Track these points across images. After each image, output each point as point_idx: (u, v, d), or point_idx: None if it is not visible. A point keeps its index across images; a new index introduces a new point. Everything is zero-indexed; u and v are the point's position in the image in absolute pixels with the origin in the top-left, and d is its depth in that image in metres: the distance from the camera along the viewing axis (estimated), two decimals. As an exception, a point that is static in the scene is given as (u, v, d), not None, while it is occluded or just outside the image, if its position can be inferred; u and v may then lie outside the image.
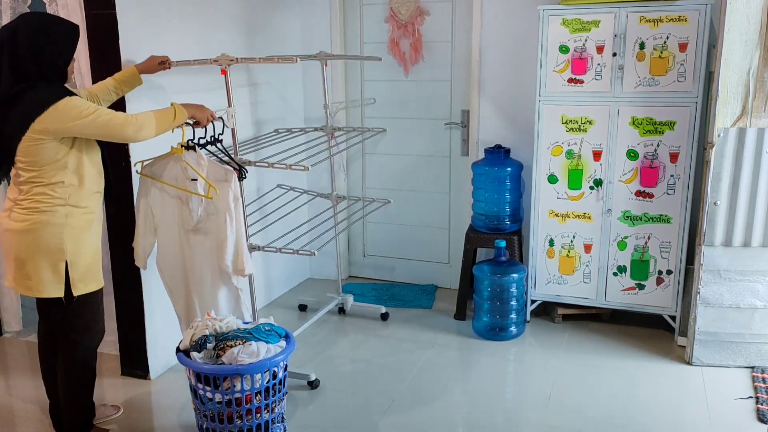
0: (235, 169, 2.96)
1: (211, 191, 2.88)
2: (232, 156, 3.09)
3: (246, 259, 2.97)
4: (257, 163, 3.18)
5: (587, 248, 3.77)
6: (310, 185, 4.47)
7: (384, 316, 4.08)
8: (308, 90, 4.48)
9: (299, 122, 4.47)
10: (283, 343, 2.86)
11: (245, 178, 3.04)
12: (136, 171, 2.99)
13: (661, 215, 3.60)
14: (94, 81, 3.09)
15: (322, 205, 4.24)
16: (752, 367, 3.36)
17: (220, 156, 3.05)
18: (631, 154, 3.59)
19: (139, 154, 3.13)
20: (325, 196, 4.10)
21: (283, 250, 3.31)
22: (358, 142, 4.30)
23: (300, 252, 3.25)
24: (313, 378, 3.32)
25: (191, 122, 2.87)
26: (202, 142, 2.98)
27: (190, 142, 2.91)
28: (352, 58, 4.24)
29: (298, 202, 4.03)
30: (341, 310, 4.19)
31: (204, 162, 2.91)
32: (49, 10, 3.22)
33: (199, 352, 2.69)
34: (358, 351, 3.69)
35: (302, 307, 4.29)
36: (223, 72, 3.10)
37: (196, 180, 2.89)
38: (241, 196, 3.02)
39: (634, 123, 3.55)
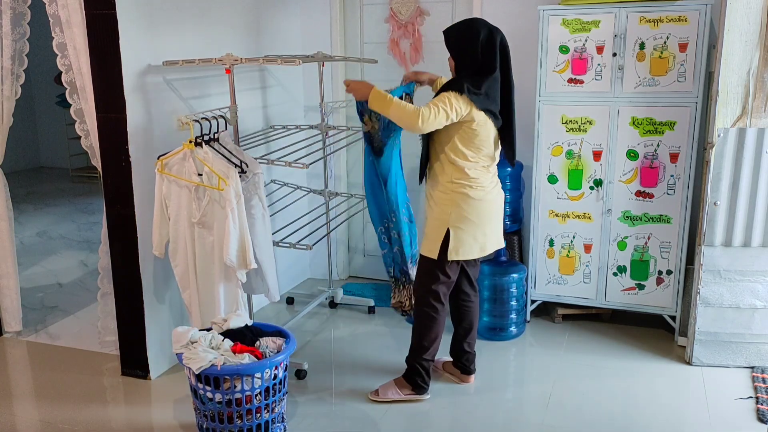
0: (236, 165, 3.00)
1: (221, 183, 2.94)
2: (233, 152, 3.11)
3: (251, 253, 3.01)
4: (258, 160, 3.21)
5: (587, 248, 3.77)
6: (303, 182, 4.47)
7: (371, 310, 4.17)
8: (308, 88, 4.48)
9: (299, 119, 4.47)
10: (282, 342, 2.87)
11: (245, 172, 3.06)
12: (157, 169, 3.03)
13: (661, 215, 3.60)
14: (94, 81, 3.09)
15: (320, 201, 4.25)
16: (752, 367, 3.36)
17: (223, 153, 3.08)
18: (631, 154, 3.59)
19: (139, 153, 3.14)
20: (318, 192, 4.11)
21: (280, 244, 3.35)
22: (354, 141, 4.31)
23: (296, 246, 3.30)
24: (305, 366, 3.38)
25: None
26: (206, 138, 3.04)
27: (198, 138, 2.97)
28: (348, 60, 4.24)
29: (293, 197, 4.04)
30: (332, 304, 4.27)
31: (210, 157, 2.98)
32: (49, 10, 3.22)
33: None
34: (357, 349, 3.68)
35: (290, 300, 4.34)
36: (227, 71, 3.14)
37: (201, 175, 2.97)
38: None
39: (634, 123, 3.55)
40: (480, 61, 2.87)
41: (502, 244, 3.13)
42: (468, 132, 2.87)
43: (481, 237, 2.99)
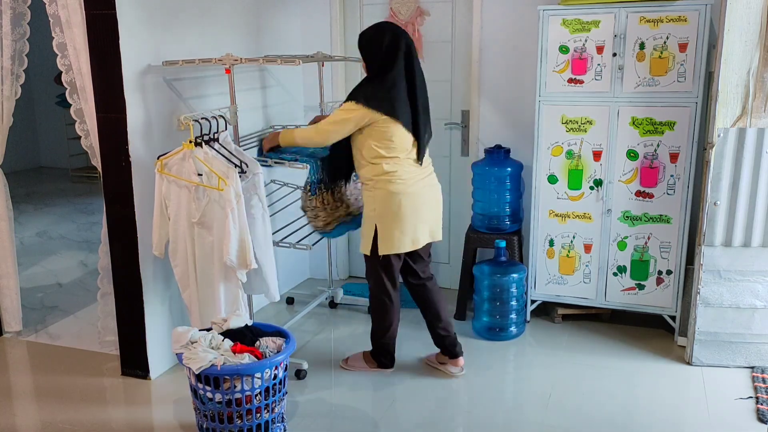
0: (235, 165, 3.00)
1: (221, 183, 2.94)
2: (233, 153, 3.11)
3: (251, 253, 3.01)
4: (258, 159, 3.22)
5: (587, 248, 3.77)
6: (303, 182, 4.45)
7: (369, 310, 4.14)
8: (308, 88, 4.48)
9: (299, 119, 4.47)
10: (282, 342, 2.87)
11: (245, 172, 3.06)
12: (157, 169, 3.03)
13: (661, 215, 3.61)
14: (94, 81, 3.09)
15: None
16: (752, 367, 3.36)
17: (223, 153, 3.08)
18: (631, 155, 3.59)
19: (139, 153, 3.14)
20: None
21: (280, 244, 3.35)
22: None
23: (296, 246, 3.31)
24: (305, 366, 3.38)
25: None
26: (206, 138, 3.04)
27: (197, 138, 2.98)
28: (348, 60, 4.25)
29: (293, 197, 4.03)
30: (332, 304, 4.28)
31: (209, 157, 2.99)
32: (49, 10, 3.22)
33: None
34: (357, 349, 3.68)
35: (290, 300, 4.36)
36: (227, 71, 3.15)
37: (201, 175, 2.97)
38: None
39: (634, 123, 3.55)
40: (382, 62, 3.04)
41: (438, 237, 3.27)
42: (378, 131, 3.03)
43: (410, 230, 3.11)
